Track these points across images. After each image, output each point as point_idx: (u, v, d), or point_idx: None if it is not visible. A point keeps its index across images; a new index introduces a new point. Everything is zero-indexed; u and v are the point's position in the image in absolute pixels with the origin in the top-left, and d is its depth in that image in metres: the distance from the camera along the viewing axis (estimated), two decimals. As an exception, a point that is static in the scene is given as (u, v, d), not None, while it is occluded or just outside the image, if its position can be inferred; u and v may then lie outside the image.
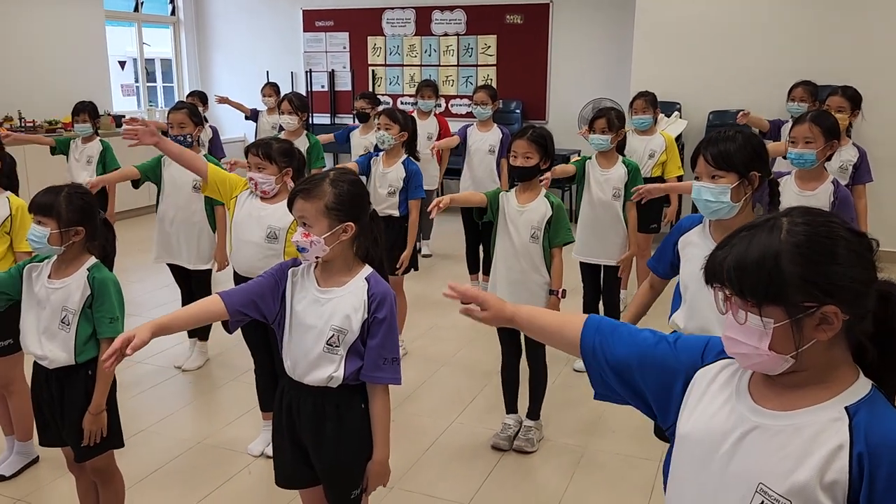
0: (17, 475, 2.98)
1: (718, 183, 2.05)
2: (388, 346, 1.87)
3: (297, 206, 1.86)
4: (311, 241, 1.82)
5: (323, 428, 1.91)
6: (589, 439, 3.30)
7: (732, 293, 1.07)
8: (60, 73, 7.70)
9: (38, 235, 2.18)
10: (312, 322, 1.87)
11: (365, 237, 1.91)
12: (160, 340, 4.46)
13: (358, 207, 1.89)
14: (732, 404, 1.12)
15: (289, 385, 1.95)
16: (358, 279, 1.89)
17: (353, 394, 1.91)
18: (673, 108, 6.40)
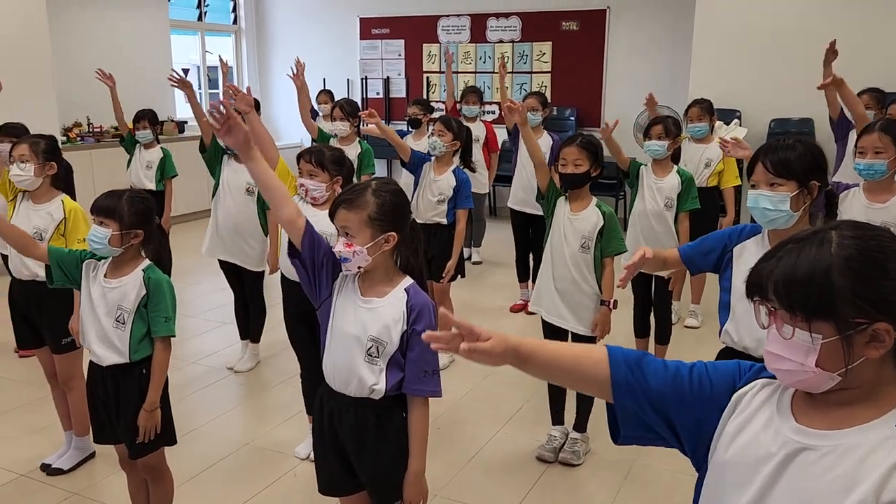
0: (74, 469, 3.08)
1: (777, 191, 1.99)
2: (427, 358, 1.86)
3: (340, 216, 1.86)
4: (353, 252, 1.82)
5: (364, 438, 1.92)
6: (636, 454, 3.23)
7: (780, 307, 1.03)
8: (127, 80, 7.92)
9: (99, 236, 2.26)
10: (352, 330, 1.88)
11: (406, 247, 1.91)
12: (213, 341, 4.57)
13: (400, 217, 1.89)
14: (775, 425, 1.08)
15: (329, 394, 1.96)
16: (398, 290, 1.89)
17: (394, 405, 1.91)
18: (732, 116, 6.24)
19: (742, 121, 6.29)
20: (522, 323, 4.96)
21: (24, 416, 3.57)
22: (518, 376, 4.31)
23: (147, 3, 8.25)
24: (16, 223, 2.95)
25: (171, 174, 5.20)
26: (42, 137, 3.04)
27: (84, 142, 7.15)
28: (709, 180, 4.65)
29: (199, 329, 4.80)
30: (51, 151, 2.99)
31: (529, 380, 3.95)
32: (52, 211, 2.97)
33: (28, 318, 3.05)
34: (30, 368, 4.04)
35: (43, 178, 2.95)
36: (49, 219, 2.96)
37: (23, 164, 2.90)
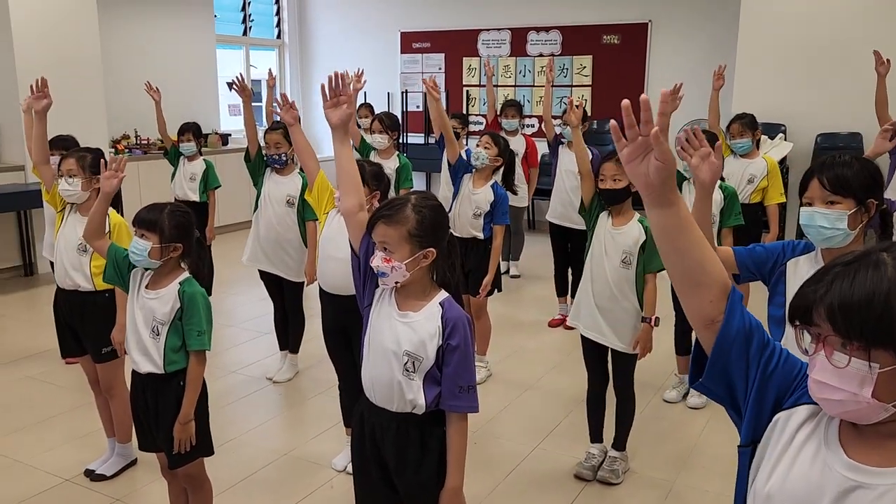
0: (117, 476, 3.13)
1: (834, 209, 1.94)
2: (462, 374, 1.85)
3: (379, 231, 1.85)
4: (391, 267, 1.82)
5: (406, 453, 1.91)
6: (677, 474, 3.17)
7: (833, 333, 0.98)
8: (174, 93, 8.13)
9: (139, 249, 2.30)
10: (389, 345, 1.87)
11: (443, 262, 1.90)
12: (253, 351, 4.62)
13: (439, 233, 1.88)
14: (823, 459, 1.02)
15: (370, 410, 1.95)
16: (433, 304, 1.87)
17: (436, 420, 1.90)
18: (777, 131, 6.13)
19: (787, 135, 6.18)
20: (561, 338, 4.91)
21: (69, 422, 3.65)
22: (556, 391, 4.26)
23: (194, 19, 8.44)
24: (63, 234, 3.04)
25: (215, 185, 5.29)
26: (89, 151, 3.11)
27: (131, 153, 7.32)
28: (752, 196, 4.55)
29: (239, 339, 4.86)
30: (97, 165, 3.06)
31: (568, 394, 3.91)
32: None
33: (71, 327, 3.12)
34: (76, 375, 4.13)
35: (90, 191, 3.02)
36: None
37: (71, 179, 2.98)
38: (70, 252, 3.00)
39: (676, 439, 3.50)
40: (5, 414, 3.73)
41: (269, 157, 3.98)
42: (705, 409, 3.80)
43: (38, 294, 5.97)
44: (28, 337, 4.85)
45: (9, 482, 3.09)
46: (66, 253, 3.02)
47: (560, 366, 4.41)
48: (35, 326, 5.08)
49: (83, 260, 2.99)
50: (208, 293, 2.43)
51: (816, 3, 6.10)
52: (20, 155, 6.27)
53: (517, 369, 4.37)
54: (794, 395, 1.10)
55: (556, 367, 4.39)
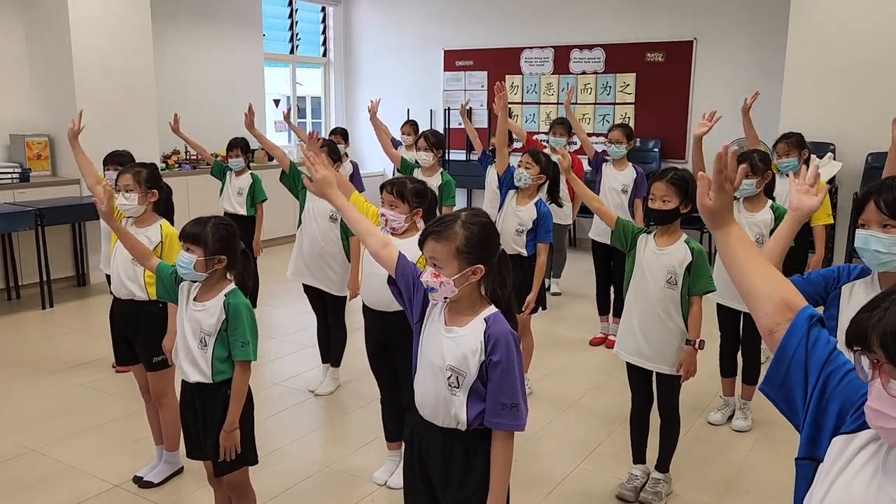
0: (164, 483, 3.20)
1: (891, 233, 1.90)
2: (505, 391, 1.84)
3: (429, 247, 1.88)
4: (440, 282, 1.84)
5: (451, 468, 1.93)
6: (721, 498, 3.12)
7: (886, 361, 0.96)
8: (223, 110, 8.38)
9: (185, 262, 2.37)
10: (435, 359, 1.89)
11: (493, 278, 1.91)
12: (296, 364, 4.68)
13: (488, 250, 1.89)
14: (878, 482, 1.01)
15: (418, 424, 1.97)
16: (478, 319, 1.88)
17: (481, 437, 1.91)
18: (826, 150, 6.02)
19: (836, 154, 6.06)
20: (603, 357, 4.87)
21: (119, 429, 3.74)
22: (597, 411, 4.23)
23: (244, 39, 8.66)
24: (119, 246, 3.14)
25: (261, 198, 5.40)
26: (144, 166, 3.22)
27: (181, 168, 7.52)
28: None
29: (282, 351, 4.93)
30: (152, 179, 3.17)
31: (610, 413, 3.88)
32: (150, 235, 3.14)
33: (125, 336, 3.21)
34: (126, 384, 4.25)
35: (146, 205, 3.13)
36: (147, 242, 3.12)
37: (128, 194, 3.08)
38: (125, 263, 3.10)
39: (721, 462, 3.45)
40: (59, 420, 3.84)
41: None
42: (751, 432, 3.73)
43: (91, 304, 6.16)
44: (80, 346, 4.99)
45: (62, 486, 3.18)
46: (121, 264, 3.12)
47: (601, 385, 4.38)
48: (87, 336, 5.23)
49: (138, 271, 3.08)
50: (254, 305, 2.49)
51: (867, 20, 5.99)
52: (75, 169, 6.45)
53: (558, 387, 4.35)
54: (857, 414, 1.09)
55: (598, 387, 4.36)
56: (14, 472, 3.30)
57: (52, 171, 6.61)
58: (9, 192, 6.10)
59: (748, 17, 7.34)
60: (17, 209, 5.77)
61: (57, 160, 6.63)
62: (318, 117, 10.31)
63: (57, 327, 5.55)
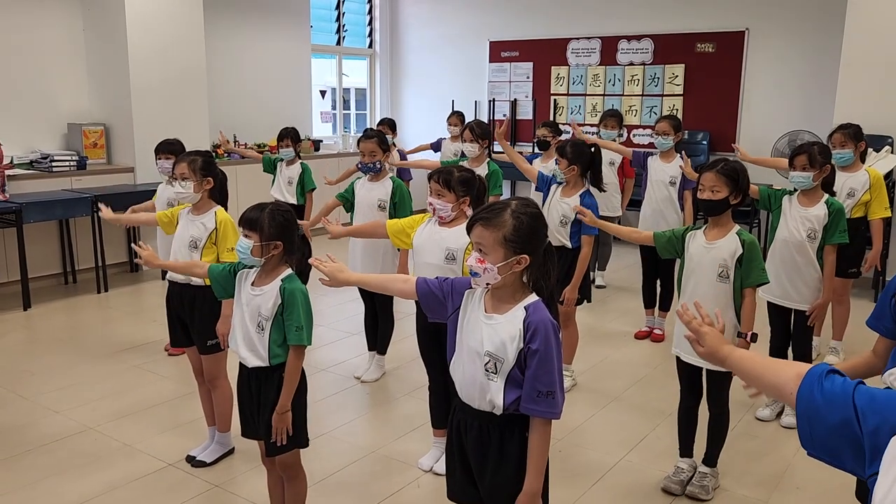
0: (216, 463, 3.29)
1: None
2: (541, 378, 1.85)
3: (476, 232, 1.90)
4: (484, 268, 1.86)
5: (486, 451, 1.95)
6: (771, 494, 3.08)
7: None
8: (271, 101, 8.51)
9: (243, 247, 2.43)
10: (474, 345, 1.91)
11: (537, 269, 1.92)
12: (342, 351, 4.75)
13: (535, 240, 1.90)
14: None
15: (458, 405, 2.01)
16: (518, 308, 1.89)
17: (516, 422, 1.93)
18: (883, 143, 5.86)
19: (894, 148, 5.89)
20: (648, 350, 4.84)
21: (172, 410, 3.85)
22: (643, 404, 4.22)
23: (291, 30, 8.77)
24: (177, 232, 3.24)
25: (311, 187, 5.48)
26: (199, 154, 3.30)
27: (231, 158, 7.65)
28: (853, 211, 4.38)
29: (329, 338, 5.01)
30: (207, 167, 3.24)
31: (655, 406, 3.86)
32: (205, 222, 3.22)
33: (181, 319, 3.30)
34: (178, 366, 4.37)
35: (202, 192, 3.21)
36: (203, 229, 3.21)
37: (184, 182, 3.16)
38: (182, 249, 3.19)
39: (769, 459, 3.40)
40: (115, 400, 3.97)
41: (363, 166, 4.09)
42: (800, 429, 3.67)
43: (143, 289, 6.33)
44: (134, 329, 5.14)
45: (117, 464, 3.30)
46: (179, 250, 3.21)
47: (646, 378, 4.35)
48: (140, 319, 5.38)
49: (194, 256, 3.16)
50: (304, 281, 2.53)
51: (929, 9, 5.80)
52: (130, 157, 6.68)
53: (603, 380, 4.33)
54: None
55: (643, 380, 4.33)
56: (74, 448, 3.43)
57: (107, 160, 6.79)
58: (66, 180, 6.30)
59: (802, 7, 7.17)
60: (74, 196, 5.95)
61: (112, 149, 6.82)
62: (364, 108, 10.39)
63: (112, 311, 5.72)
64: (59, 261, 6.36)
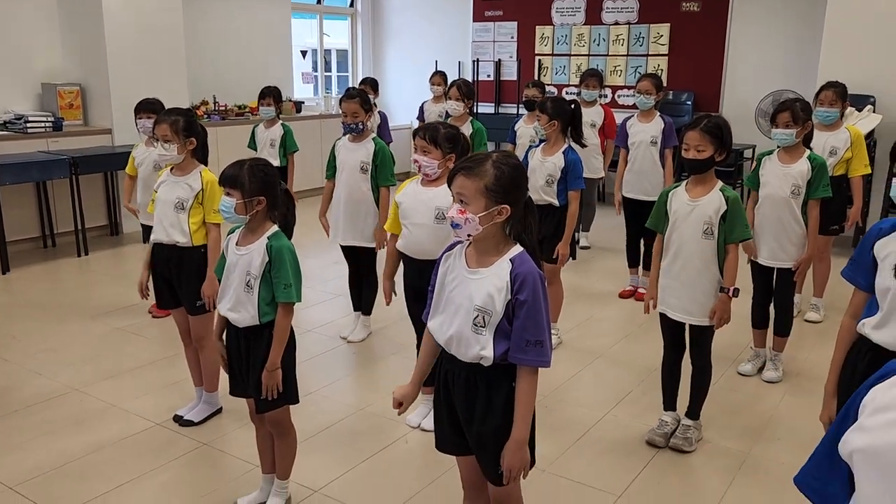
0: (204, 422, 3.30)
1: None
2: (529, 328, 1.85)
3: (458, 183, 1.89)
4: (465, 219, 1.86)
5: (474, 402, 1.97)
6: (753, 445, 3.14)
7: None
8: (250, 62, 8.36)
9: (226, 206, 2.40)
10: (461, 301, 1.91)
11: (518, 222, 1.92)
12: (328, 312, 4.74)
13: (516, 191, 1.89)
14: None
15: (445, 358, 2.02)
16: (504, 260, 1.89)
17: (504, 373, 1.94)
18: (866, 102, 5.88)
19: (876, 107, 5.92)
20: (632, 309, 4.88)
21: (158, 371, 3.85)
22: (627, 360, 4.27)
23: (271, -13, 8.58)
24: (161, 195, 3.19)
25: (293, 149, 5.42)
26: (179, 113, 3.23)
27: (210, 119, 7.54)
28: (835, 169, 4.40)
29: (315, 299, 5.00)
30: (189, 127, 3.19)
31: (639, 363, 3.91)
32: (191, 182, 3.17)
33: (168, 281, 3.26)
34: (163, 328, 4.35)
35: (185, 153, 3.16)
36: (189, 190, 3.16)
37: (167, 144, 3.11)
38: (168, 209, 3.15)
39: (751, 412, 3.47)
40: (99, 362, 3.95)
41: (346, 126, 4.03)
42: (781, 383, 3.74)
43: (124, 252, 6.27)
44: (117, 292, 5.10)
45: (105, 423, 3.29)
46: (164, 210, 3.16)
47: (631, 335, 4.40)
48: (122, 282, 5.33)
49: (181, 217, 3.12)
50: (289, 237, 2.51)
51: (914, -33, 5.79)
52: (107, 118, 6.55)
53: (588, 338, 4.37)
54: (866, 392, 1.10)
55: (628, 337, 4.38)
56: (60, 409, 3.42)
57: (83, 121, 6.66)
58: (42, 141, 6.18)
59: (788, -35, 7.12)
60: (51, 157, 5.85)
61: (89, 109, 6.69)
62: (345, 70, 10.25)
63: (93, 274, 5.66)
64: (38, 224, 6.27)
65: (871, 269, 2.04)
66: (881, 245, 2.01)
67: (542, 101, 4.04)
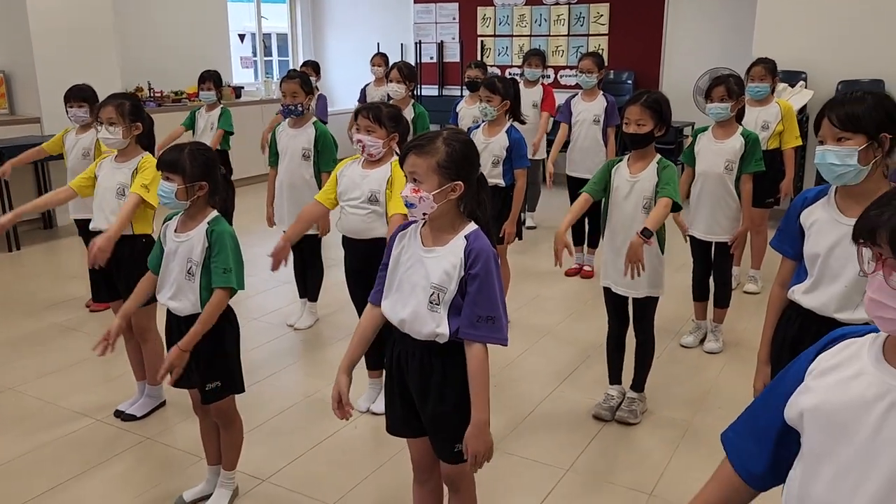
0: (147, 416, 3.22)
1: (844, 145, 1.93)
2: (480, 303, 1.84)
3: (410, 161, 1.89)
4: (419, 197, 1.85)
5: (428, 381, 1.96)
6: (695, 415, 3.23)
7: (891, 256, 1.02)
8: (186, 46, 8.12)
9: (166, 191, 2.33)
10: (417, 280, 1.90)
11: (472, 199, 1.92)
12: (274, 300, 4.68)
13: (468, 167, 1.90)
14: (870, 374, 1.06)
15: (398, 338, 2.00)
16: (459, 237, 1.89)
17: (458, 350, 1.93)
18: (798, 78, 6.05)
19: (808, 83, 6.10)
20: (578, 286, 4.95)
21: (98, 366, 3.72)
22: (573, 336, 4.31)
23: (205, -31, 8.34)
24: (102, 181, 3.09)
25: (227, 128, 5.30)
26: (126, 97, 3.14)
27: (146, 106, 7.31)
28: (769, 143, 4.53)
29: (260, 287, 4.92)
30: (135, 112, 3.10)
31: (585, 339, 3.97)
32: (132, 166, 3.09)
33: (105, 272, 3.16)
34: (102, 322, 4.22)
35: (130, 138, 3.06)
36: (129, 173, 3.08)
37: (111, 128, 3.01)
38: (109, 196, 3.05)
39: (693, 382, 3.56)
40: (35, 358, 3.82)
41: (286, 108, 3.96)
42: (721, 353, 3.85)
43: (58, 246, 6.05)
44: (52, 287, 4.93)
45: (41, 422, 3.19)
46: (105, 197, 3.06)
47: (577, 313, 4.46)
48: (57, 277, 5.16)
49: (122, 204, 3.02)
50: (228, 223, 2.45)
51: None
52: (35, 107, 6.30)
53: (535, 316, 4.42)
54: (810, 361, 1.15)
55: (574, 314, 4.44)
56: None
57: (9, 110, 6.39)
58: (-35, 132, 5.91)
59: (722, -56, 7.24)
60: (-24, 149, 5.59)
61: (14, 98, 6.42)
62: (286, 54, 10.06)
63: (26, 269, 5.46)
64: (-34, 219, 5.99)
65: (798, 237, 2.09)
66: (807, 213, 2.07)
67: (490, 81, 3.98)
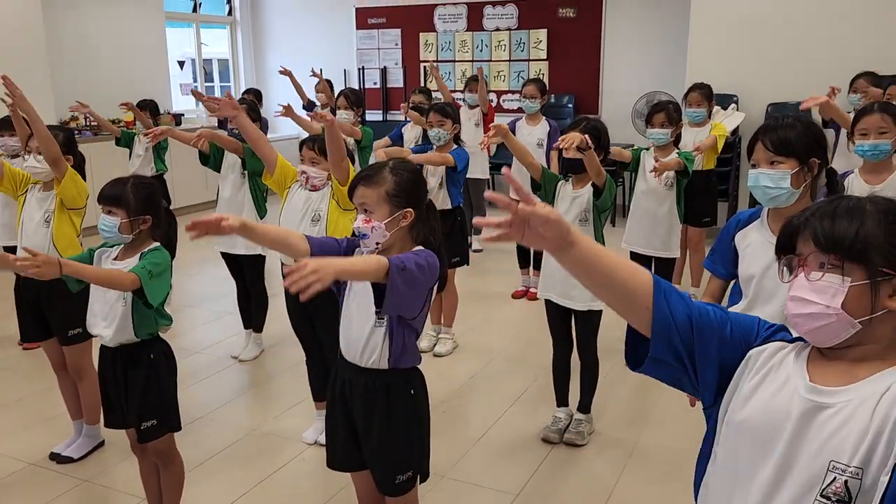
0: (85, 458, 3.10)
1: (777, 169, 2.00)
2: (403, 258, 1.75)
3: (359, 193, 1.91)
4: (372, 227, 1.87)
5: (373, 409, 1.96)
6: (640, 433, 3.27)
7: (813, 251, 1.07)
8: (123, 73, 7.96)
9: (108, 225, 2.26)
10: (366, 304, 1.89)
11: (423, 225, 1.95)
12: (217, 332, 4.57)
13: (417, 194, 1.93)
14: (792, 386, 1.09)
15: (342, 366, 2.00)
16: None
17: (402, 378, 1.95)
18: (730, 101, 6.26)
19: (739, 105, 6.32)
20: (525, 309, 4.99)
21: (31, 407, 3.59)
22: (521, 360, 4.32)
23: (142, -4, 8.22)
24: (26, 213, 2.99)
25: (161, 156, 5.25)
26: (60, 130, 3.08)
27: (82, 136, 7.13)
28: (703, 163, 4.67)
29: (203, 319, 4.82)
30: (68, 143, 3.02)
31: (533, 362, 3.99)
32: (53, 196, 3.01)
33: (35, 310, 3.04)
34: (34, 361, 4.06)
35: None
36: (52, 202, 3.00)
37: (39, 157, 2.92)
38: (37, 228, 2.97)
39: (639, 401, 3.61)
40: (-36, 401, 3.65)
41: (231, 132, 3.94)
42: (666, 371, 3.92)
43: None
44: (-18, 324, 4.72)
45: (-28, 468, 3.04)
46: (31, 229, 2.97)
47: (525, 335, 4.49)
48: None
49: (47, 233, 2.93)
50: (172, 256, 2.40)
51: (765, -26, 6.22)
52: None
53: (483, 339, 4.43)
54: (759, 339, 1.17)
55: (521, 337, 4.47)
56: (-82, 457, 3.13)
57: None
58: None
59: (654, -28, 7.49)
60: None
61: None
62: (227, 80, 9.96)
63: (-46, 307, 5.22)
64: None
65: (731, 259, 2.15)
66: (741, 236, 2.13)
67: (440, 107, 4.00)
